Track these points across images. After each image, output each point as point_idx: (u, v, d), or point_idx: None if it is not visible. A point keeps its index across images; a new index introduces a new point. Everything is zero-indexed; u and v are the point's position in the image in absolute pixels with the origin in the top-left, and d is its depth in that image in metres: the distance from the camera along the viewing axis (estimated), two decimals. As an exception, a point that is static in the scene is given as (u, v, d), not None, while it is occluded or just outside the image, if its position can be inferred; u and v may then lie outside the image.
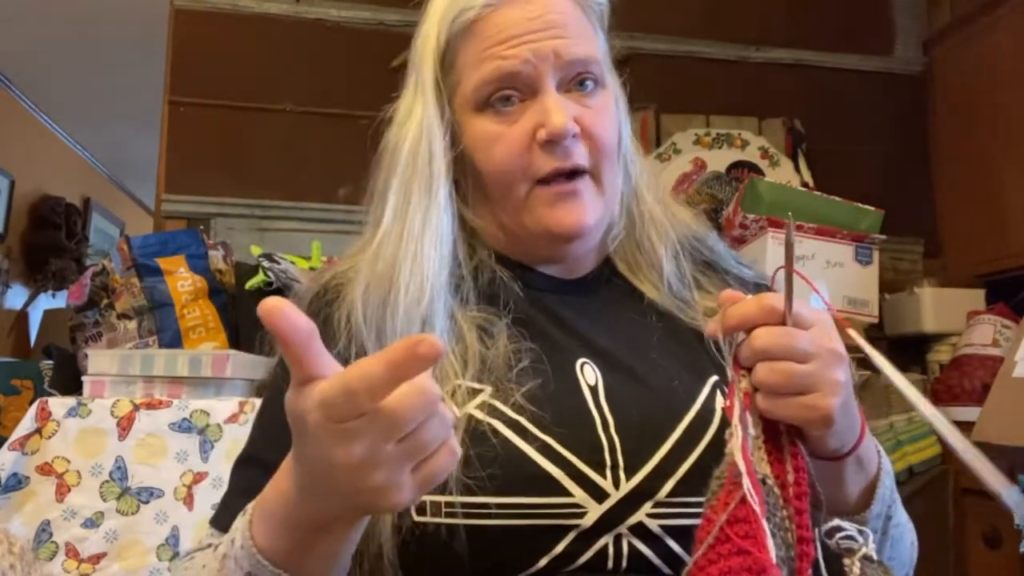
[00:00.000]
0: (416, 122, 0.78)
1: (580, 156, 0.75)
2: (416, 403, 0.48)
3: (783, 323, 0.59)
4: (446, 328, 0.74)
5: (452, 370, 0.71)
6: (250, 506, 0.61)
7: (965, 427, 1.88)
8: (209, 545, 0.71)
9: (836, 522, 0.60)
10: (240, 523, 0.61)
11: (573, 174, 0.74)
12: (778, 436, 0.60)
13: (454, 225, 0.78)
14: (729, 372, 0.61)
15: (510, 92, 0.74)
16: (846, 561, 0.59)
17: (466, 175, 0.79)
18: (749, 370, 0.60)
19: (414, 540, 0.66)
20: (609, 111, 0.78)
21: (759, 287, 0.84)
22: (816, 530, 0.58)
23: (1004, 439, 1.65)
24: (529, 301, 0.78)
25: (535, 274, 0.80)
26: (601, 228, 0.80)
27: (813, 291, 0.65)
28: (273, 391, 0.78)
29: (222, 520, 0.73)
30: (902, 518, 0.73)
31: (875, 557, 0.59)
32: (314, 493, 0.54)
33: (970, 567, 1.99)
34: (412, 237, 0.75)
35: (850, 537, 0.59)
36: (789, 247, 0.60)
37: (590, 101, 0.76)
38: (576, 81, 0.75)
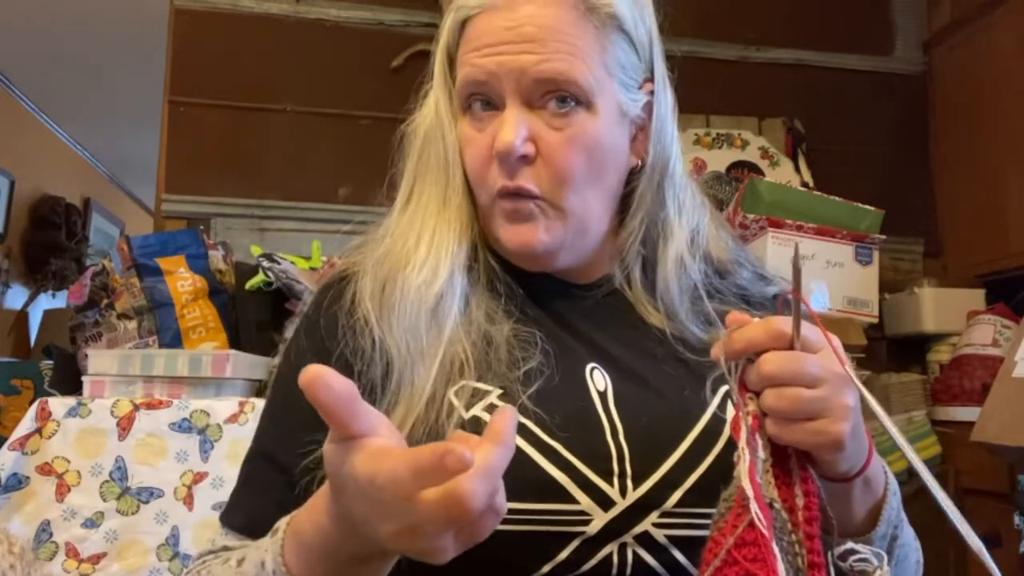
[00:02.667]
0: (431, 109, 0.78)
1: (526, 179, 0.71)
2: (462, 513, 0.47)
3: (790, 347, 0.58)
4: (460, 312, 0.73)
5: (462, 367, 0.70)
6: (281, 527, 0.60)
7: (965, 427, 1.88)
8: (224, 548, 0.70)
9: (850, 545, 0.58)
10: (270, 545, 0.60)
11: (518, 195, 0.72)
12: (786, 460, 0.59)
13: (471, 208, 0.77)
14: (734, 395, 0.60)
15: (480, 99, 0.74)
16: None
17: None
18: (756, 393, 0.58)
19: None
20: (585, 136, 0.72)
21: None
22: (828, 555, 0.57)
23: (1004, 439, 1.65)
24: (536, 302, 0.77)
25: (547, 277, 0.79)
26: (571, 253, 0.76)
27: (817, 309, 0.65)
28: (281, 382, 0.78)
29: (234, 518, 0.73)
30: (908, 537, 0.71)
31: None
32: (355, 534, 0.54)
33: (970, 567, 1.99)
34: (429, 216, 0.75)
35: (864, 559, 0.58)
36: (797, 272, 0.59)
37: (561, 122, 0.71)
38: (551, 98, 0.71)
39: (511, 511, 0.64)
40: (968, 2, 2.59)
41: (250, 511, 0.72)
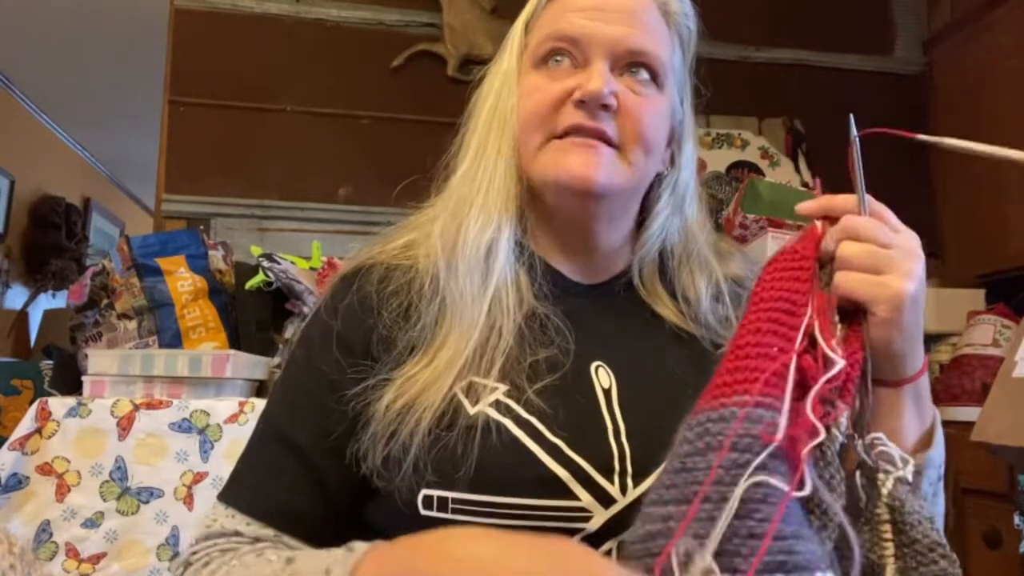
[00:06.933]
0: (500, 75, 0.81)
1: (608, 126, 0.74)
2: None
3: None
4: (506, 266, 0.75)
5: (472, 354, 0.71)
6: (358, 553, 0.58)
7: (965, 427, 1.88)
8: (235, 533, 0.69)
9: (879, 434, 0.58)
10: (341, 557, 0.59)
11: (594, 135, 0.74)
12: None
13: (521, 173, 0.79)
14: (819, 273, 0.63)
15: (564, 53, 0.76)
16: (880, 476, 0.56)
17: None
18: (828, 281, 0.61)
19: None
20: (658, 109, 0.77)
21: None
22: (860, 441, 0.57)
23: (1004, 439, 1.65)
24: (551, 299, 0.77)
25: (556, 274, 0.80)
26: (620, 203, 0.78)
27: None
28: (298, 363, 0.77)
29: (241, 498, 0.72)
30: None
31: (910, 480, 0.56)
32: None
33: (970, 567, 1.99)
34: (486, 172, 0.78)
35: (888, 454, 0.57)
36: (856, 156, 0.69)
37: (640, 89, 0.76)
38: (630, 68, 0.76)
39: (513, 506, 0.65)
40: (968, 2, 2.59)
41: (262, 492, 0.72)
